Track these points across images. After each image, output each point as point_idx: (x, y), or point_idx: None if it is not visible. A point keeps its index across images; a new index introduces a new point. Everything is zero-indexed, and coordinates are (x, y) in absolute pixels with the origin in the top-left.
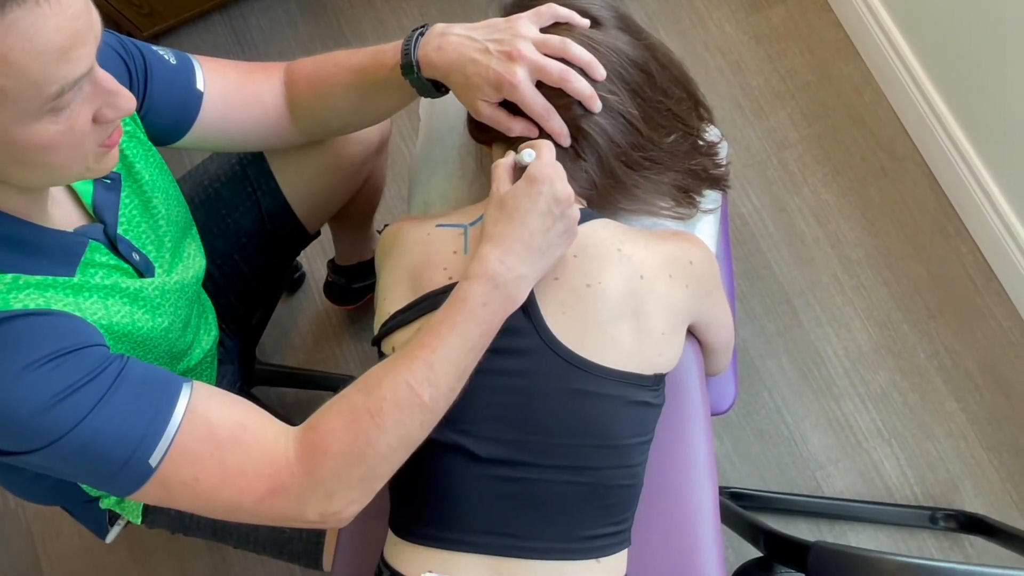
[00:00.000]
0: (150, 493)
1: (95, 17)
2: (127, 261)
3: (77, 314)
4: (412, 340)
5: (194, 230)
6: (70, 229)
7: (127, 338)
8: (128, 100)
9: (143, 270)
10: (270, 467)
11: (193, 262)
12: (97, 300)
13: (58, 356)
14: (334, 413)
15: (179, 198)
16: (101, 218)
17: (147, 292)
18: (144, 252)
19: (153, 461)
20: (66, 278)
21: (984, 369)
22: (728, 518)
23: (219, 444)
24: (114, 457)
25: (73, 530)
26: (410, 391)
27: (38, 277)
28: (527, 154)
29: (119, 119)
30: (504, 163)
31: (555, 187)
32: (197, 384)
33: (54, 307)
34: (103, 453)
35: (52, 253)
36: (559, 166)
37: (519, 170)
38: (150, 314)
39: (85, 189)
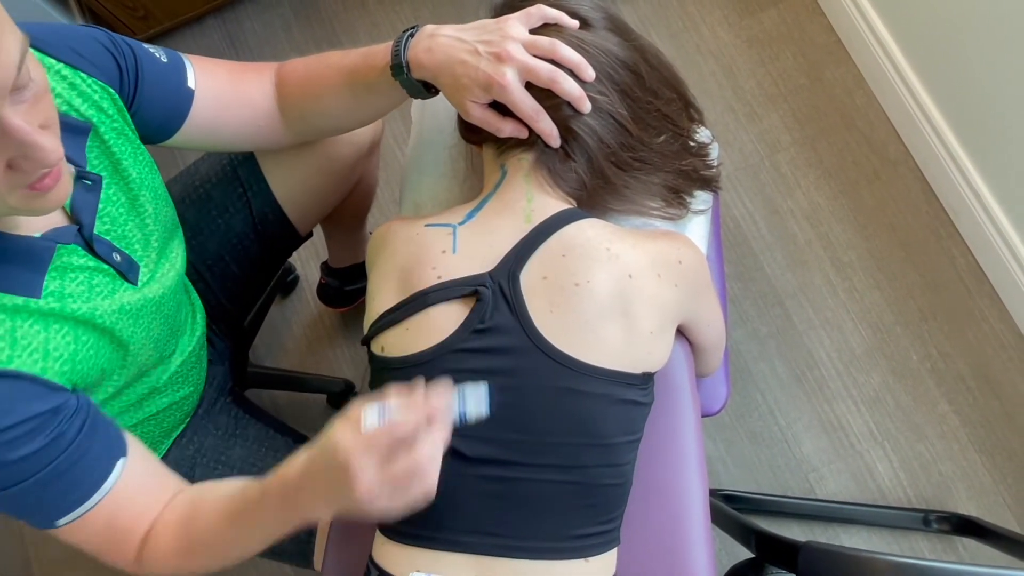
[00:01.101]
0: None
1: (4, 62)
2: (107, 262)
3: (45, 348)
4: (228, 519)
5: (180, 231)
6: (39, 233)
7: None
8: (50, 153)
9: (125, 271)
10: (130, 558)
11: (176, 260)
12: (69, 330)
13: (17, 425)
14: (171, 540)
15: (167, 197)
16: (78, 219)
17: (128, 306)
18: (128, 252)
19: (60, 523)
20: (35, 300)
21: (976, 371)
22: (719, 519)
23: (112, 530)
24: (31, 512)
25: None
26: (226, 556)
27: (7, 298)
28: (368, 421)
29: (40, 171)
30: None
31: (358, 474)
32: (131, 464)
33: (21, 346)
34: (23, 507)
35: (16, 260)
36: (378, 447)
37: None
38: (130, 327)
39: None
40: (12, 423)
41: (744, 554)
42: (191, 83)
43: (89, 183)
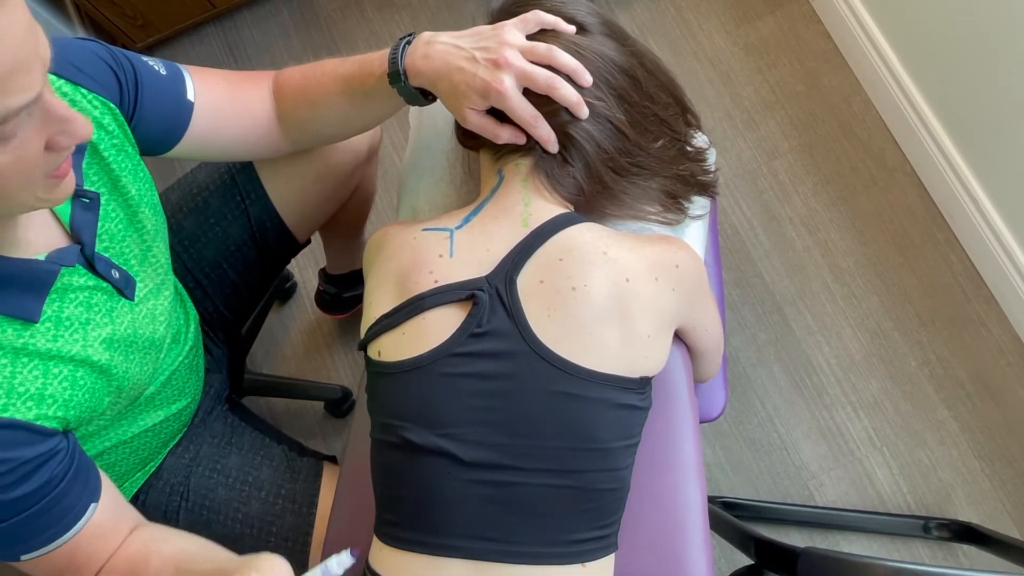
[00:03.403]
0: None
1: (41, 42)
2: (106, 280)
3: (41, 393)
4: None
5: (167, 242)
6: (44, 254)
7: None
8: (84, 126)
9: (122, 288)
10: None
11: (169, 275)
12: (66, 374)
13: (11, 472)
14: None
15: (162, 213)
16: (79, 238)
17: (122, 329)
18: (126, 268)
19: (24, 558)
20: (34, 340)
21: (975, 377)
22: (718, 526)
23: (71, 566)
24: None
25: None
26: None
27: (9, 332)
28: None
29: (72, 147)
30: None
31: None
32: (101, 506)
33: (18, 393)
34: None
35: (19, 283)
36: None
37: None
38: (122, 363)
39: (63, 210)
40: (7, 469)
41: (743, 561)
42: (190, 95)
43: (87, 201)
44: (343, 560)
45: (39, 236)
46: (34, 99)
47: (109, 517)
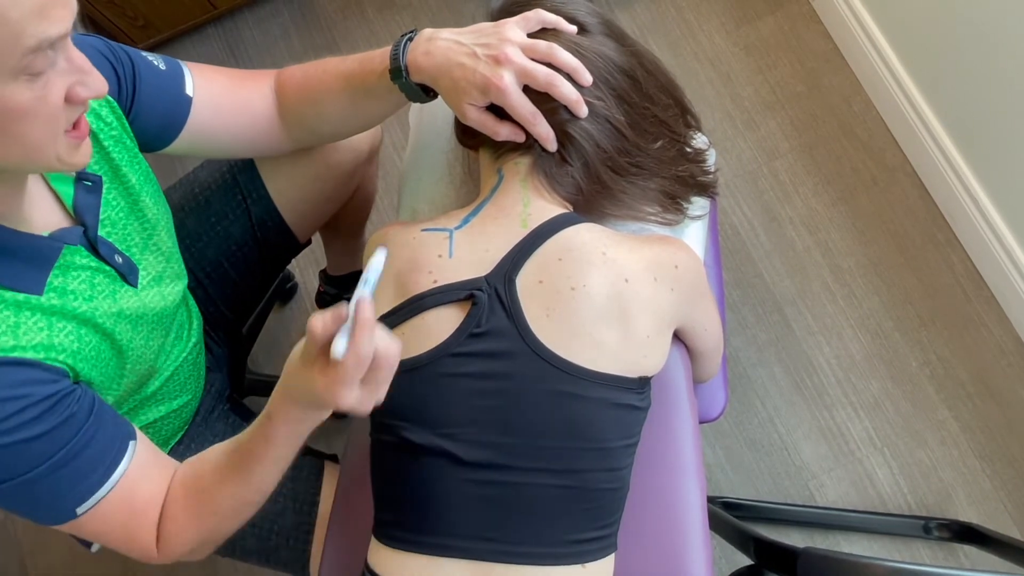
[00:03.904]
0: (61, 528)
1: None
2: (109, 263)
3: (52, 343)
4: (233, 460)
5: (173, 234)
6: (47, 232)
7: (99, 361)
8: (100, 81)
9: (126, 273)
10: (151, 543)
11: (180, 283)
12: (73, 329)
13: (27, 408)
14: (182, 510)
15: (169, 210)
16: (82, 220)
17: (128, 311)
18: (128, 255)
19: (79, 511)
20: (37, 297)
21: (976, 377)
22: (718, 526)
23: (133, 513)
24: (48, 502)
25: (61, 542)
26: (241, 501)
27: (9, 294)
28: (336, 348)
29: (89, 101)
30: (318, 335)
31: (346, 402)
32: (139, 446)
33: (25, 340)
34: (39, 498)
35: (24, 257)
36: (355, 377)
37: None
38: (128, 333)
39: (66, 191)
40: (23, 406)
41: (743, 561)
42: (189, 90)
43: (90, 184)
44: (379, 261)
45: (42, 216)
46: (66, 32)
47: (152, 457)
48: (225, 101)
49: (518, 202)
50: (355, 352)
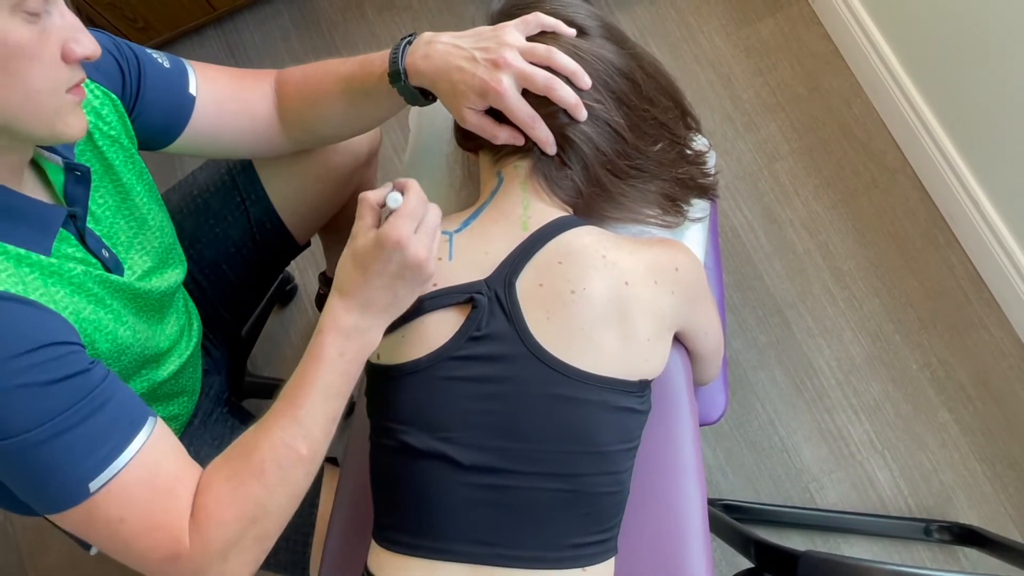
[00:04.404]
0: (71, 518)
1: None
2: (96, 256)
3: (51, 306)
4: (280, 397)
5: (177, 241)
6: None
7: (94, 336)
8: (93, 41)
9: (112, 268)
10: (181, 530)
11: (174, 272)
12: (67, 295)
13: (41, 348)
14: (221, 479)
15: (163, 208)
16: (72, 206)
17: (116, 292)
18: (114, 251)
19: (93, 487)
20: (40, 256)
21: (976, 380)
22: (718, 528)
23: (155, 490)
24: (58, 473)
25: (61, 544)
26: (288, 449)
27: (14, 249)
28: (392, 198)
29: (83, 58)
30: (370, 199)
31: (406, 254)
32: (160, 422)
33: (31, 295)
34: (48, 466)
35: (30, 220)
36: (418, 215)
37: (385, 208)
38: (116, 315)
39: (56, 178)
40: (36, 345)
41: (743, 564)
42: (192, 90)
43: (79, 174)
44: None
45: (37, 197)
46: None
47: (174, 441)
48: (228, 102)
49: (518, 205)
50: (414, 193)
